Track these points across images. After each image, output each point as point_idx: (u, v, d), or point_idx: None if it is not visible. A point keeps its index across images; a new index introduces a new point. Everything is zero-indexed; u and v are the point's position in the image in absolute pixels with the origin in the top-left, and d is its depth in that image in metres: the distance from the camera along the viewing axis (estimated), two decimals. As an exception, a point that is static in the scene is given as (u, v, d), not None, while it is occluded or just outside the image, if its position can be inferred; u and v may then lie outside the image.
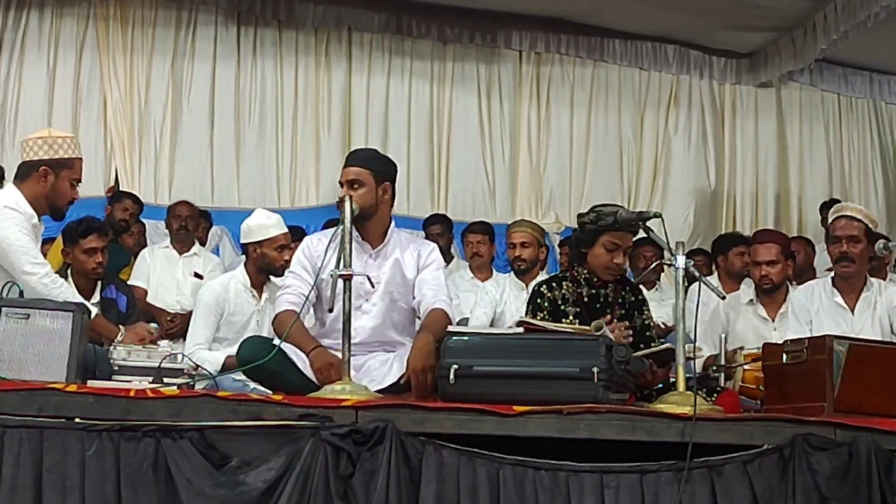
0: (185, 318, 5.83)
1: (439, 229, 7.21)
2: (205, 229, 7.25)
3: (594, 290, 4.19)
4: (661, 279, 7.20)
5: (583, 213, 4.24)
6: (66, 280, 4.58)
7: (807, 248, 7.02)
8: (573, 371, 3.35)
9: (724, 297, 4.14)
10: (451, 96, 8.42)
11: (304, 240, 4.22)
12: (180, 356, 3.76)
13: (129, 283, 6.09)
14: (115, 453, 2.87)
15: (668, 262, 3.69)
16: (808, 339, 3.76)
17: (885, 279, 5.18)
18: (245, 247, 5.17)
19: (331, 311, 3.75)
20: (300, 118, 8.08)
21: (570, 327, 3.81)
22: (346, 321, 3.50)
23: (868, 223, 4.54)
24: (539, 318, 4.08)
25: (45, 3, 7.65)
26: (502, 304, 6.21)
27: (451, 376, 3.41)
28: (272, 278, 5.12)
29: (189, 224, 6.74)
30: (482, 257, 6.76)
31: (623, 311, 4.20)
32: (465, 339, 3.59)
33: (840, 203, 5.28)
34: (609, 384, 3.37)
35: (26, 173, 4.09)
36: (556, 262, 7.71)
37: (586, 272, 4.21)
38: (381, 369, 3.90)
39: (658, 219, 3.84)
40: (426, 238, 6.57)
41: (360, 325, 3.94)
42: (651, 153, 8.77)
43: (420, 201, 8.17)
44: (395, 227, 4.16)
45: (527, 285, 6.13)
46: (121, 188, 7.44)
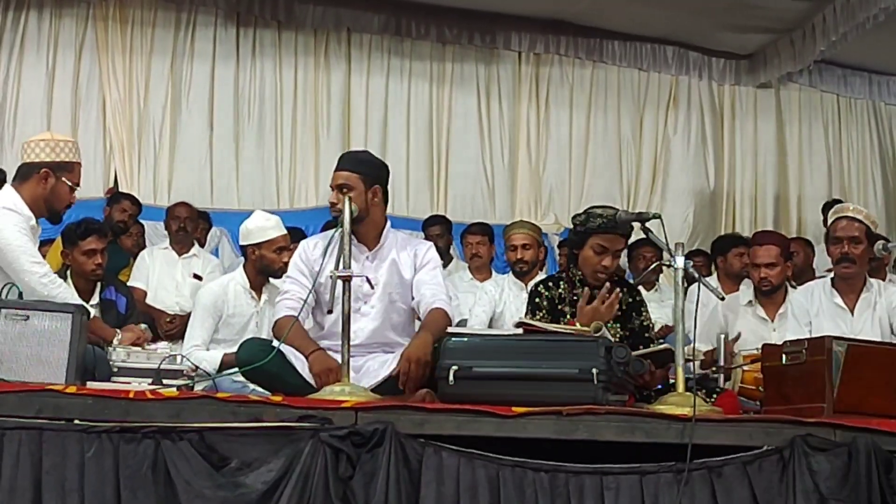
0: (184, 319, 5.81)
1: (439, 230, 7.20)
2: (203, 231, 7.24)
3: (590, 291, 4.19)
4: (660, 280, 7.20)
5: (577, 215, 4.25)
6: (65, 281, 4.58)
7: (806, 248, 7.02)
8: (572, 372, 3.35)
9: (723, 299, 4.14)
10: (450, 97, 8.41)
11: (300, 244, 4.20)
12: (179, 357, 3.76)
13: (128, 284, 6.09)
14: (114, 455, 2.87)
15: (668, 263, 3.69)
16: (808, 340, 3.76)
17: (884, 280, 5.18)
18: (244, 249, 5.16)
19: (330, 312, 3.75)
20: (299, 119, 8.06)
21: (570, 328, 3.81)
22: (346, 323, 3.50)
23: (869, 224, 4.55)
24: (538, 318, 4.09)
25: (44, 4, 7.64)
26: (501, 304, 6.21)
27: (451, 377, 3.41)
28: (271, 280, 5.12)
29: (188, 225, 6.73)
30: (481, 258, 6.76)
31: (621, 312, 4.20)
32: (464, 340, 3.60)
33: (840, 204, 5.26)
34: (608, 385, 3.37)
35: (26, 174, 4.09)
36: (556, 262, 7.71)
37: (580, 273, 4.21)
38: (381, 370, 3.89)
39: (657, 220, 3.85)
40: (426, 239, 6.55)
41: (360, 328, 3.93)
42: (650, 154, 8.76)
43: (419, 202, 8.16)
44: (391, 227, 4.15)
45: (526, 286, 6.13)
46: (120, 189, 7.42)
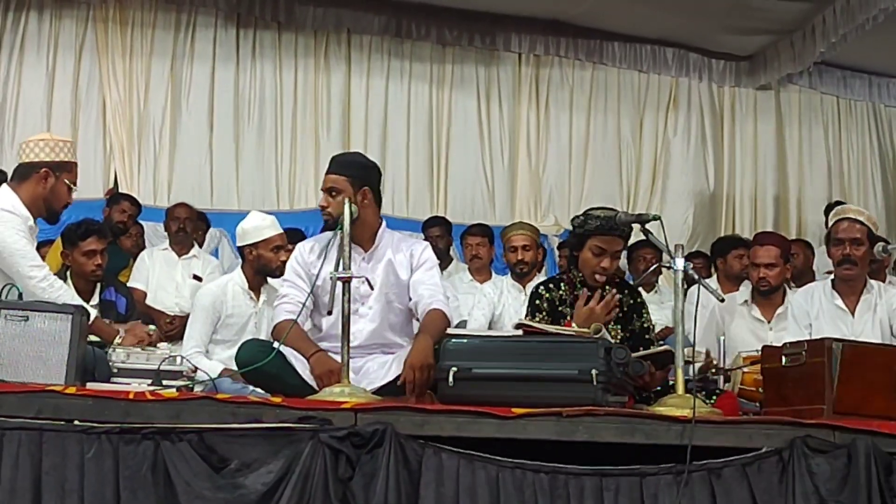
0: (183, 320, 5.81)
1: (438, 231, 7.20)
2: (202, 232, 7.24)
3: (590, 293, 4.18)
4: (660, 282, 7.20)
5: (576, 216, 4.25)
6: (65, 282, 4.57)
7: (806, 250, 7.02)
8: (572, 373, 3.35)
9: (723, 300, 4.13)
10: (450, 99, 8.42)
11: (296, 248, 4.19)
12: (179, 359, 3.76)
13: (128, 285, 6.10)
14: (114, 456, 2.87)
15: (667, 264, 3.68)
16: (807, 341, 3.76)
17: (884, 281, 5.18)
18: (241, 249, 5.17)
19: (329, 313, 3.74)
20: (299, 120, 8.07)
21: (569, 330, 3.81)
22: (346, 324, 3.50)
23: (870, 226, 4.55)
24: (538, 319, 4.09)
25: (44, 5, 7.65)
26: (500, 306, 6.22)
27: (451, 379, 3.41)
28: (269, 280, 5.12)
29: (187, 226, 6.74)
30: (481, 259, 6.76)
31: (622, 314, 4.20)
32: (464, 341, 3.60)
33: (841, 205, 5.26)
34: (608, 386, 3.37)
35: (26, 174, 4.09)
36: (555, 264, 7.71)
37: (580, 275, 4.21)
38: (380, 371, 3.90)
39: (657, 221, 3.84)
40: (426, 240, 6.55)
41: (358, 329, 3.93)
42: (650, 155, 8.76)
43: (419, 203, 8.16)
44: (386, 228, 4.14)
45: (525, 287, 6.14)
46: (120, 190, 7.43)
